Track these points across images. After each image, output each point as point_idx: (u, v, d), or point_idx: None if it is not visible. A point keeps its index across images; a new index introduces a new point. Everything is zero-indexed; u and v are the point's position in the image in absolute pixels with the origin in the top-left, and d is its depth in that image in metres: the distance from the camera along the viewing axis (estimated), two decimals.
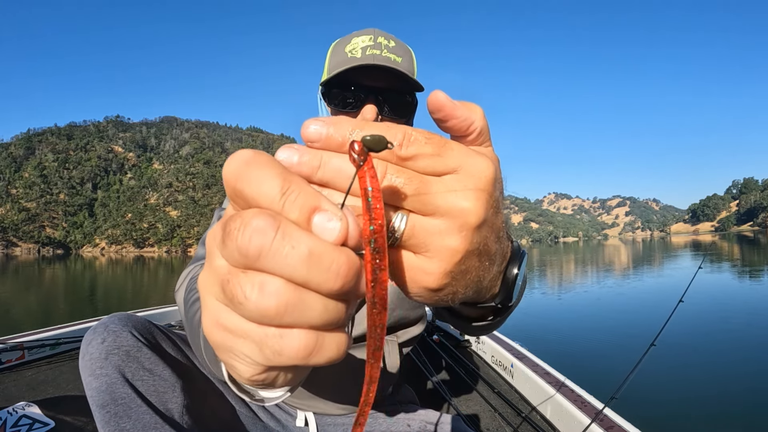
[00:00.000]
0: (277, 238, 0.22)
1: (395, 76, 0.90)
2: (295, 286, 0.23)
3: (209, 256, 0.26)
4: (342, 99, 0.91)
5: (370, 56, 0.89)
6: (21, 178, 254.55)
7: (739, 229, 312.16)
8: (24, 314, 10.87)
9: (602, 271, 20.13)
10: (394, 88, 0.92)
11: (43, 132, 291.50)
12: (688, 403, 4.00)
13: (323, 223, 0.23)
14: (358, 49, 0.91)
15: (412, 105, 0.97)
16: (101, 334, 0.79)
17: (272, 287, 0.23)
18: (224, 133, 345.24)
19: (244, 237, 0.22)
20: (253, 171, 0.24)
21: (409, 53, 0.97)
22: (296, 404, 1.12)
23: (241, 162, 0.24)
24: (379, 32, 0.94)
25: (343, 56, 0.92)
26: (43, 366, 2.67)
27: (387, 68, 0.88)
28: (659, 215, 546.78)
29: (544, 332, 7.25)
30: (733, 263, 20.50)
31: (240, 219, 0.23)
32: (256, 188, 0.23)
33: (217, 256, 0.25)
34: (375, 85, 0.91)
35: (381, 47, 0.90)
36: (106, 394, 0.74)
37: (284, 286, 0.23)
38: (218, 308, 0.25)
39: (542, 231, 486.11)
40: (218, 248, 0.24)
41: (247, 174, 0.24)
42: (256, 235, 0.22)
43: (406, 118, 0.97)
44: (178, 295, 0.80)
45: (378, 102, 0.91)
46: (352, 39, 0.93)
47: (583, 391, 1.93)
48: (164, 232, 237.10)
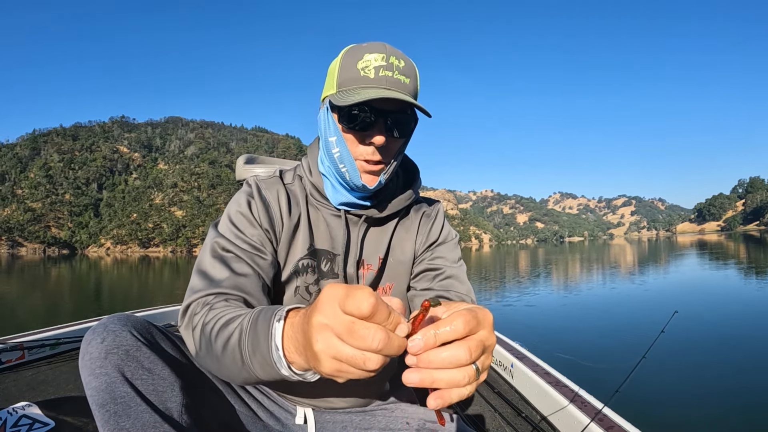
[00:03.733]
0: (389, 343, 0.47)
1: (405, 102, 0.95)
2: (385, 357, 0.48)
3: (330, 343, 0.50)
4: (353, 120, 0.95)
5: (383, 78, 0.93)
6: (26, 179, 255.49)
7: (746, 228, 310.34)
8: (29, 314, 10.92)
9: (606, 271, 20.02)
10: (402, 109, 0.97)
11: (49, 132, 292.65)
12: (688, 403, 3.98)
13: (401, 328, 0.49)
14: (371, 68, 0.94)
15: (415, 123, 1.03)
16: (101, 334, 0.80)
17: (377, 360, 0.48)
18: (229, 133, 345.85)
19: (374, 343, 0.46)
20: (382, 308, 0.48)
21: (415, 72, 1.00)
22: (298, 400, 1.14)
23: (373, 302, 0.47)
24: (390, 49, 0.97)
25: (354, 73, 0.95)
26: (43, 366, 2.66)
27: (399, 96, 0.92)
28: (665, 215, 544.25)
29: (544, 332, 7.24)
30: (738, 262, 20.37)
31: (370, 332, 0.47)
32: (379, 316, 0.47)
33: (340, 342, 0.49)
34: (385, 108, 0.95)
35: (392, 68, 0.94)
36: (105, 393, 0.76)
37: (382, 358, 0.48)
38: (338, 365, 0.50)
39: (547, 231, 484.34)
40: (341, 338, 0.49)
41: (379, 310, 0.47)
42: (381, 343, 0.47)
43: (408, 136, 1.03)
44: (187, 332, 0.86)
45: (386, 125, 0.96)
46: (364, 55, 0.95)
47: (583, 391, 1.93)
48: (169, 232, 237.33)
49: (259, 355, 0.65)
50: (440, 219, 1.22)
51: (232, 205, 1.05)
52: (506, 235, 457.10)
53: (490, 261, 36.93)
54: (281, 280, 1.05)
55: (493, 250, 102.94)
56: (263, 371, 0.66)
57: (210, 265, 0.95)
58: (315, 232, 1.09)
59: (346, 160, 0.98)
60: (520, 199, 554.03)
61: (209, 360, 0.79)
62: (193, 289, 0.92)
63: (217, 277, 0.92)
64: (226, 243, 0.97)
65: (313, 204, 1.11)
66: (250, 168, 2.17)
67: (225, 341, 0.73)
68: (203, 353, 0.80)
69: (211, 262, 0.95)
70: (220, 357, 0.75)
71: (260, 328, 0.66)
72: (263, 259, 0.99)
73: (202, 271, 0.95)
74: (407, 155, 1.21)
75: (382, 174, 1.01)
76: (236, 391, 1.05)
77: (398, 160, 1.04)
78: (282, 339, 0.62)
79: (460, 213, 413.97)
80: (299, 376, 0.63)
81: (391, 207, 1.11)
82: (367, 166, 0.98)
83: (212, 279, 0.92)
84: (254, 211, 1.03)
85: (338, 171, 1.01)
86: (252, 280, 0.94)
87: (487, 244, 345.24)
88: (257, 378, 0.69)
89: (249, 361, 0.68)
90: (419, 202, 1.24)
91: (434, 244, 1.18)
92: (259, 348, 0.65)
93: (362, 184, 0.99)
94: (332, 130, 0.99)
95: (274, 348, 0.62)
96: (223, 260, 0.95)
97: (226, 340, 0.73)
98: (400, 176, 1.19)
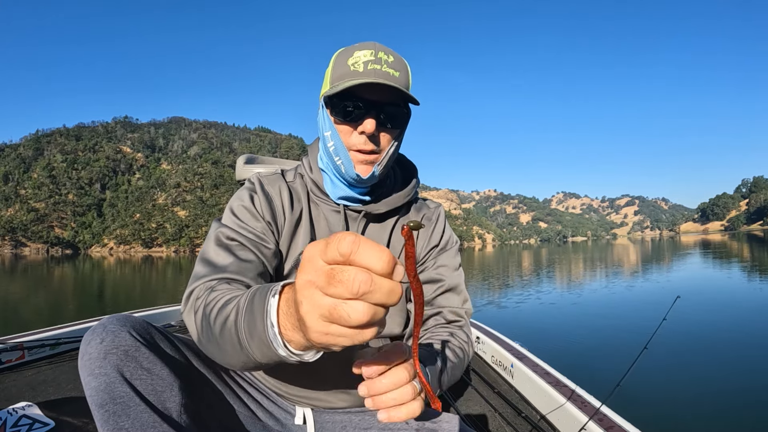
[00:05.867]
0: (374, 285, 0.42)
1: (394, 91, 0.97)
2: (375, 305, 0.43)
3: (311, 297, 0.45)
4: (344, 110, 0.98)
5: (371, 71, 0.95)
6: (30, 179, 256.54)
7: (749, 228, 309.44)
8: (32, 314, 10.93)
9: (609, 271, 19.97)
10: (392, 101, 0.99)
11: (52, 133, 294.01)
12: (688, 403, 3.96)
13: (399, 272, 0.44)
14: (360, 63, 0.96)
15: (407, 116, 1.05)
16: (100, 334, 0.80)
17: (363, 309, 0.42)
18: (232, 133, 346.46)
19: (355, 286, 0.41)
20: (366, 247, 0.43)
21: (405, 67, 1.01)
22: (298, 398, 1.13)
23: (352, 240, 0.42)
24: (380, 46, 0.98)
25: (345, 69, 0.97)
26: (43, 366, 2.66)
27: (387, 85, 0.94)
28: (668, 214, 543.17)
29: (545, 332, 7.22)
30: (741, 262, 20.29)
31: (349, 275, 0.42)
32: (371, 259, 0.42)
33: (324, 296, 0.44)
34: (375, 99, 0.97)
35: (381, 62, 0.96)
36: (104, 393, 0.76)
37: (369, 307, 0.43)
38: (323, 324, 0.45)
39: (551, 230, 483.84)
40: (321, 289, 0.43)
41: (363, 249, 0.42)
42: (363, 285, 0.41)
43: (401, 128, 1.05)
44: (189, 317, 0.85)
45: (377, 115, 0.98)
46: (354, 52, 0.98)
47: (583, 391, 1.92)
48: (172, 232, 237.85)
49: (256, 335, 0.61)
50: (441, 222, 1.23)
51: (234, 200, 1.06)
52: (509, 235, 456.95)
53: (493, 261, 36.86)
54: (283, 275, 1.06)
55: (496, 250, 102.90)
56: (261, 353, 0.62)
57: (214, 253, 0.95)
58: (316, 228, 1.10)
59: (341, 152, 1.00)
60: (523, 199, 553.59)
61: (211, 345, 0.77)
62: (197, 275, 0.92)
63: (221, 263, 0.92)
64: (230, 232, 0.98)
65: (314, 200, 1.12)
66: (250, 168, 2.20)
67: (223, 322, 0.71)
68: (204, 338, 0.79)
69: (215, 249, 0.95)
70: (219, 340, 0.73)
71: (256, 305, 0.62)
72: (267, 249, 1.00)
73: (205, 259, 0.95)
74: (405, 155, 1.23)
75: (375, 165, 1.02)
76: (235, 392, 1.04)
77: (392, 152, 1.04)
78: (278, 316, 0.57)
79: (463, 213, 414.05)
80: (297, 356, 0.57)
81: (389, 203, 1.13)
82: (361, 156, 1.00)
83: (216, 265, 0.92)
84: (257, 205, 1.04)
85: (334, 164, 1.03)
86: (257, 267, 0.95)
87: (490, 244, 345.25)
88: (256, 361, 0.66)
89: (246, 342, 0.64)
90: (420, 203, 1.25)
91: (436, 248, 1.19)
92: (255, 327, 0.62)
93: (356, 174, 1.01)
94: (327, 125, 1.01)
95: (270, 325, 0.58)
96: (228, 248, 0.95)
97: (223, 320, 0.71)
98: (398, 174, 1.21)
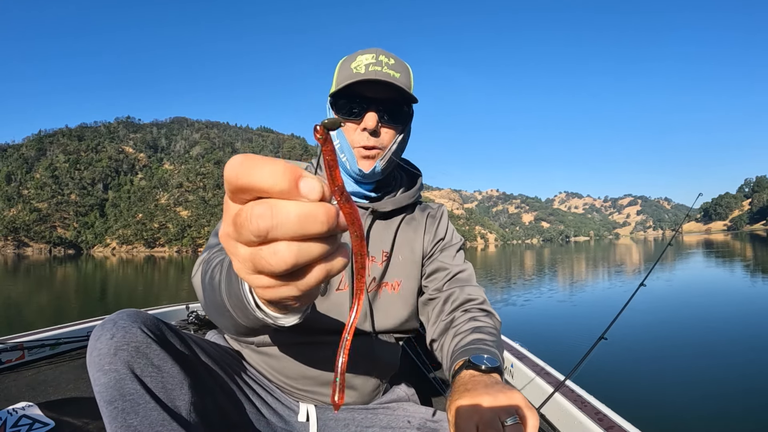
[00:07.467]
0: (274, 216, 0.31)
1: (393, 89, 1.03)
2: (300, 241, 0.33)
3: (232, 251, 0.35)
4: (348, 108, 1.05)
5: (372, 72, 1.02)
6: (32, 179, 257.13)
7: (752, 228, 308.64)
8: (34, 314, 10.94)
9: (610, 270, 19.93)
10: (392, 99, 1.05)
11: (54, 133, 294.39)
12: (688, 403, 3.95)
13: (307, 186, 0.32)
14: (362, 65, 1.03)
15: (408, 114, 1.11)
16: (110, 329, 0.79)
17: (284, 249, 0.32)
18: (234, 134, 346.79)
19: (253, 225, 0.31)
20: (251, 164, 0.32)
21: (406, 69, 1.08)
22: (301, 394, 1.15)
23: (238, 161, 0.32)
24: (381, 51, 1.06)
25: (349, 72, 1.04)
26: (43, 366, 2.66)
27: (386, 82, 1.01)
28: (671, 214, 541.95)
29: (545, 332, 7.19)
30: (744, 261, 20.24)
31: (245, 212, 0.32)
32: (257, 176, 0.31)
33: (238, 246, 0.34)
34: (376, 97, 1.04)
35: (382, 64, 1.03)
36: (114, 389, 0.74)
37: (292, 245, 0.32)
38: (255, 278, 0.36)
39: (553, 230, 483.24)
40: (236, 239, 0.34)
41: (246, 167, 0.32)
42: (261, 220, 0.31)
43: (403, 125, 1.10)
44: (196, 279, 0.87)
45: (378, 111, 1.04)
46: (357, 57, 1.05)
47: (583, 391, 1.93)
48: (175, 232, 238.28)
49: (233, 294, 0.60)
50: (445, 219, 1.28)
51: None
52: (512, 235, 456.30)
53: (495, 261, 36.83)
54: None
55: (498, 249, 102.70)
56: (242, 313, 0.60)
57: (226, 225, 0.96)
58: None
59: (345, 149, 1.06)
60: (526, 199, 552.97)
61: (209, 309, 0.76)
62: (210, 245, 0.93)
63: None
64: None
65: None
66: None
67: (210, 281, 0.71)
68: (205, 302, 0.78)
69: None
70: (210, 301, 0.72)
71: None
72: None
73: (218, 231, 0.94)
74: (409, 160, 1.28)
75: (378, 160, 1.07)
76: (242, 388, 1.05)
77: (395, 149, 1.09)
78: None
79: (466, 213, 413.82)
80: (272, 319, 0.55)
81: (395, 201, 1.17)
82: (364, 152, 1.05)
83: None
84: None
85: (340, 161, 1.07)
86: None
87: (493, 243, 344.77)
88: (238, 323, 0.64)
89: (227, 300, 0.63)
90: (424, 204, 1.31)
91: (442, 240, 1.23)
92: (231, 285, 0.61)
93: (359, 168, 1.06)
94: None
95: (242, 283, 0.56)
96: None
97: (211, 280, 0.71)
98: (404, 177, 1.27)
